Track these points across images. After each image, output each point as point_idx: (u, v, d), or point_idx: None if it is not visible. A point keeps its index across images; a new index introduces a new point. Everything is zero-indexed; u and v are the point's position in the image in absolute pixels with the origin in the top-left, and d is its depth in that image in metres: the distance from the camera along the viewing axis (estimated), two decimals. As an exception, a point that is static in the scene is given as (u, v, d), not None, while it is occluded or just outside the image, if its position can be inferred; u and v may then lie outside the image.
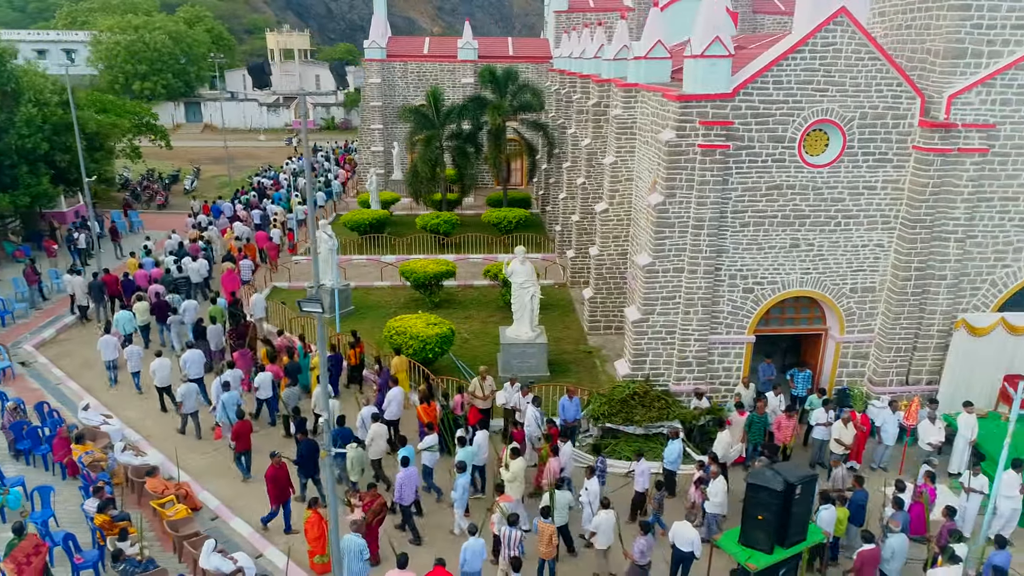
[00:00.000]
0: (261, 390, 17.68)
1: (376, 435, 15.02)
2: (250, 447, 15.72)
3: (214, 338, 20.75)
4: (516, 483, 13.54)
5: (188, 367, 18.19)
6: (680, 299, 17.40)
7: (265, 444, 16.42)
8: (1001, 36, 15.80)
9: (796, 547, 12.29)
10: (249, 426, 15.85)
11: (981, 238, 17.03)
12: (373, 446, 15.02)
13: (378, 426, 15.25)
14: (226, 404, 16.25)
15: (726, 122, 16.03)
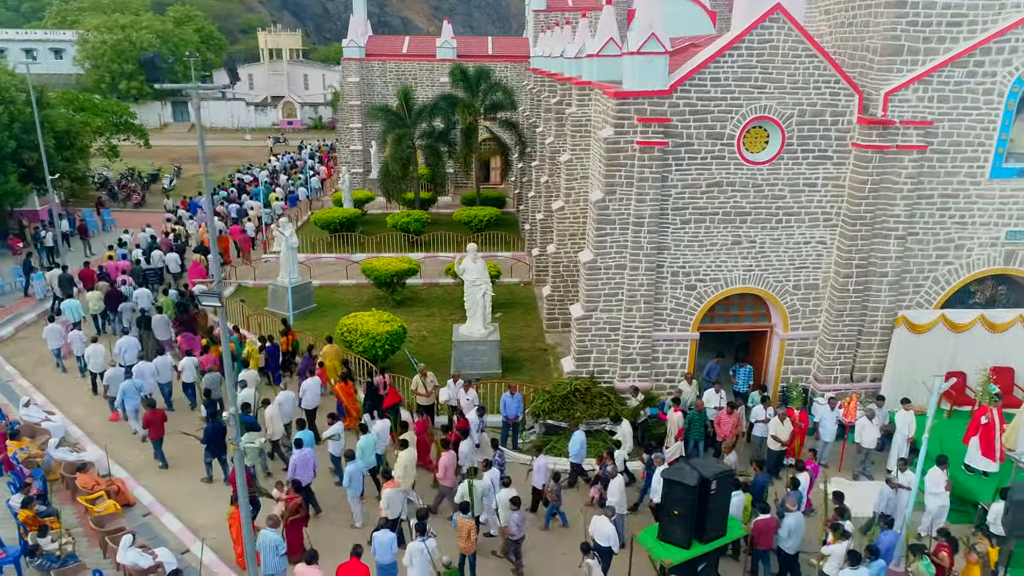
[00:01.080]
0: (185, 373, 18.11)
1: (271, 417, 15.38)
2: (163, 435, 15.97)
3: (159, 327, 21.03)
4: (404, 474, 13.67)
5: (122, 354, 18.52)
6: (623, 296, 17.41)
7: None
8: (937, 33, 15.83)
9: (715, 543, 12.33)
10: (161, 415, 16.04)
11: (922, 235, 17.05)
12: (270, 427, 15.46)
13: (272, 408, 15.56)
14: (126, 392, 16.71)
15: (664, 119, 16.05)
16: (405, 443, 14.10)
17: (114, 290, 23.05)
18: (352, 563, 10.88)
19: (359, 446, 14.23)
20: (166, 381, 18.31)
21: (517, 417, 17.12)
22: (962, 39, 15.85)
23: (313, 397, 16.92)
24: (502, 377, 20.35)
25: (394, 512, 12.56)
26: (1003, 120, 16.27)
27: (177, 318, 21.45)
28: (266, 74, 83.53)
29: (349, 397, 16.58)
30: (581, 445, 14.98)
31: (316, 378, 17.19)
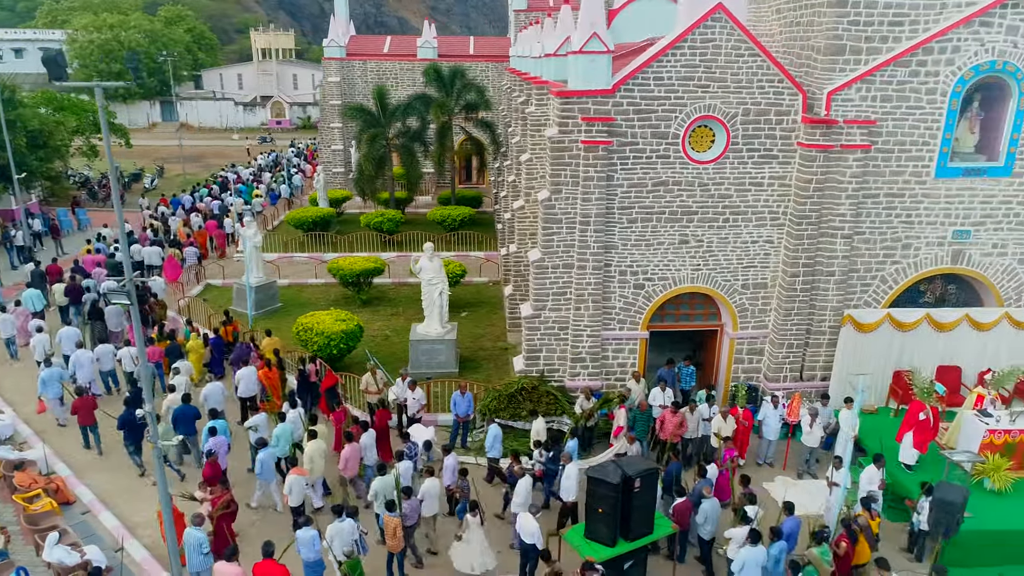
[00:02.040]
0: (124, 362, 18.48)
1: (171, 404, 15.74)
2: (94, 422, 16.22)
3: (112, 318, 21.41)
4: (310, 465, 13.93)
5: (62, 343, 19.06)
6: (571, 295, 17.44)
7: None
8: (879, 33, 15.85)
9: (642, 540, 12.36)
10: (90, 402, 16.27)
11: (869, 234, 17.08)
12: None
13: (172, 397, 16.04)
14: (46, 380, 17.08)
15: (607, 118, 16.08)
16: (313, 433, 14.33)
17: (73, 284, 23.41)
18: (266, 563, 10.90)
19: (275, 433, 14.59)
20: (108, 369, 18.77)
21: (468, 416, 17.14)
22: (904, 38, 15.88)
23: (248, 386, 17.23)
24: (459, 376, 20.40)
25: (295, 499, 12.96)
26: (947, 120, 16.29)
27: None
28: (255, 74, 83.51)
29: (272, 384, 16.97)
30: (495, 439, 15.07)
31: (251, 367, 17.41)
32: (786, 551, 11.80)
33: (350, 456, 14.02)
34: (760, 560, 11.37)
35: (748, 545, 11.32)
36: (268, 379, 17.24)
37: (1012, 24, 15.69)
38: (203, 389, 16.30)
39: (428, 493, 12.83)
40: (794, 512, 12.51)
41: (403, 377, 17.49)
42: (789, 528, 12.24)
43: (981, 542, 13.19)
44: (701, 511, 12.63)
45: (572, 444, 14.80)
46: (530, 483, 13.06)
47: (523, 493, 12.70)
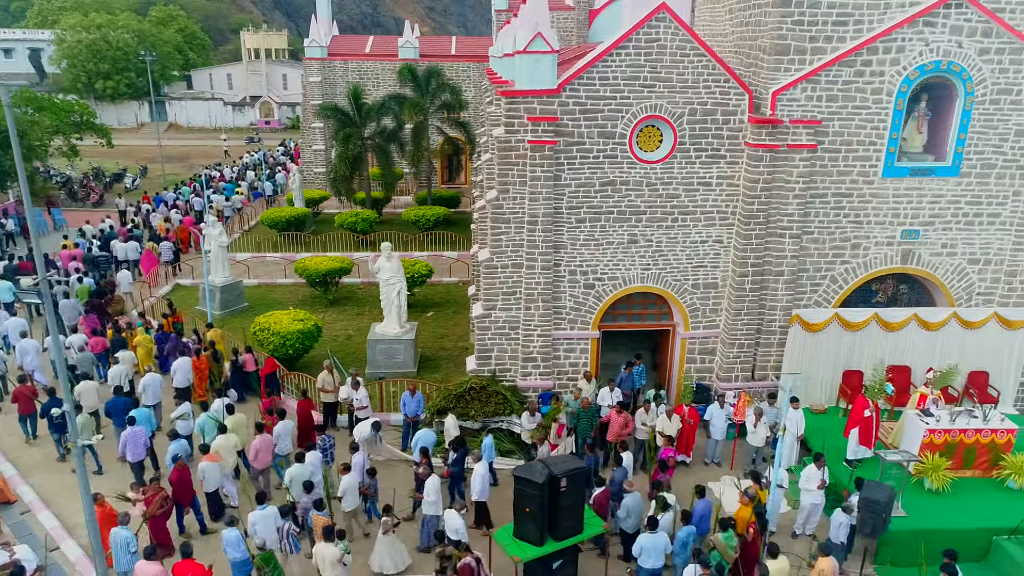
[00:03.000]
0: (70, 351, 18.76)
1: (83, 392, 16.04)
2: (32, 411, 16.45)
3: (66, 310, 21.67)
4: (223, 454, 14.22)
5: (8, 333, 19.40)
6: (521, 295, 17.44)
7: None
8: (823, 33, 15.86)
9: (571, 539, 12.36)
10: (31, 390, 16.47)
11: (818, 234, 17.09)
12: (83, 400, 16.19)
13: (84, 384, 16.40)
14: None
15: (552, 118, 16.08)
16: (224, 428, 14.62)
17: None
18: (186, 563, 10.92)
19: (198, 424, 14.81)
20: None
21: (417, 416, 17.14)
22: (849, 38, 15.89)
23: (183, 376, 17.54)
24: (417, 376, 20.43)
25: (209, 485, 13.32)
26: (893, 119, 16.30)
27: (88, 302, 22.23)
28: (245, 74, 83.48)
29: (200, 373, 17.47)
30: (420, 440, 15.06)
31: (186, 358, 17.73)
32: (695, 535, 12.08)
33: (260, 447, 14.24)
34: (660, 546, 11.75)
35: (647, 532, 11.65)
36: (196, 369, 17.63)
37: (956, 24, 15.70)
38: (142, 380, 16.48)
39: (347, 488, 12.90)
40: (705, 495, 12.85)
41: (352, 376, 17.49)
42: (699, 511, 12.52)
43: (916, 541, 13.20)
44: (623, 505, 12.78)
45: (487, 441, 14.95)
46: (437, 482, 13.10)
47: (432, 493, 12.71)
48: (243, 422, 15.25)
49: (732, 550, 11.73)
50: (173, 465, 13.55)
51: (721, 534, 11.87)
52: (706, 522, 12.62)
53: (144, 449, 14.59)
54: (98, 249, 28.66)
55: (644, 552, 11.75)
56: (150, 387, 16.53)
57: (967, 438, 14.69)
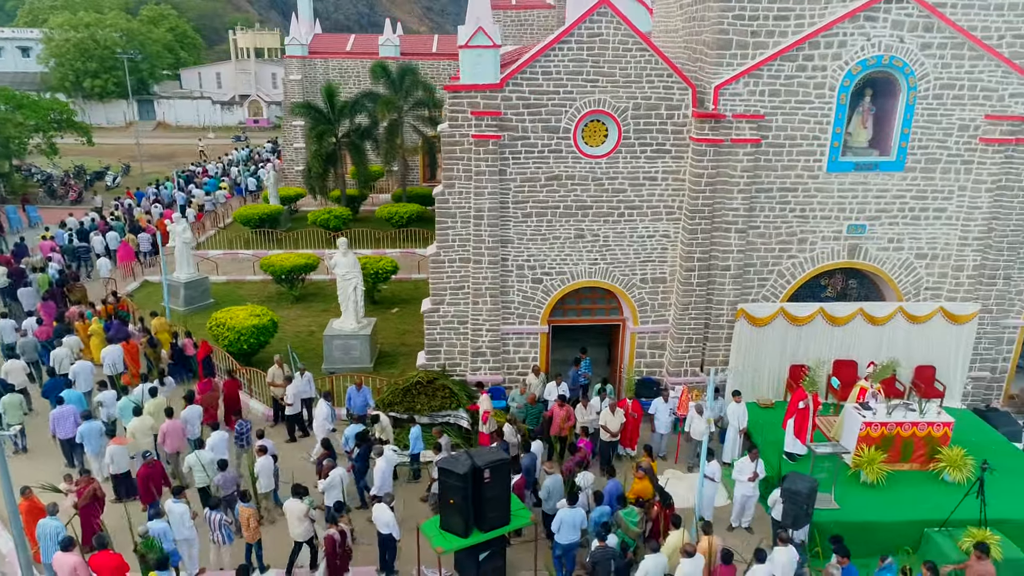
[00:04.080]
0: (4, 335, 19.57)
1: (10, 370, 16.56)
2: None
3: (25, 297, 22.67)
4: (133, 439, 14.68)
5: None
6: (469, 289, 17.49)
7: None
8: (765, 28, 15.90)
9: (497, 531, 12.40)
10: None
11: (764, 229, 17.13)
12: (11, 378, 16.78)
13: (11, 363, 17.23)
14: None
15: (495, 112, 16.12)
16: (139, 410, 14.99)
17: (16, 268, 24.99)
18: (102, 555, 10.96)
19: (119, 406, 15.26)
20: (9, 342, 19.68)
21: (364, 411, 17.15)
22: (790, 33, 15.93)
23: (112, 363, 18.17)
24: (374, 371, 20.46)
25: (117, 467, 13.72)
26: (836, 114, 16.34)
27: (49, 290, 22.92)
28: (234, 73, 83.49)
29: (130, 357, 18.19)
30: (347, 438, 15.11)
31: (118, 346, 18.32)
32: (608, 515, 12.38)
33: (168, 431, 14.59)
34: (577, 520, 12.09)
35: (567, 507, 12.03)
36: (127, 352, 18.25)
37: (897, 19, 15.75)
38: (72, 367, 16.98)
39: (260, 470, 13.33)
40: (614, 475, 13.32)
41: (301, 371, 17.54)
42: (609, 491, 12.84)
43: (849, 533, 13.22)
44: (544, 487, 13.05)
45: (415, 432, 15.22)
46: (341, 473, 13.17)
47: (337, 484, 12.80)
48: (163, 406, 15.46)
49: (634, 526, 12.15)
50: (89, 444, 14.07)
51: (622, 511, 12.28)
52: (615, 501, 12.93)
53: (73, 427, 14.88)
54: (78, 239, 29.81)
55: (562, 527, 12.12)
56: (81, 373, 16.96)
57: (904, 431, 14.74)
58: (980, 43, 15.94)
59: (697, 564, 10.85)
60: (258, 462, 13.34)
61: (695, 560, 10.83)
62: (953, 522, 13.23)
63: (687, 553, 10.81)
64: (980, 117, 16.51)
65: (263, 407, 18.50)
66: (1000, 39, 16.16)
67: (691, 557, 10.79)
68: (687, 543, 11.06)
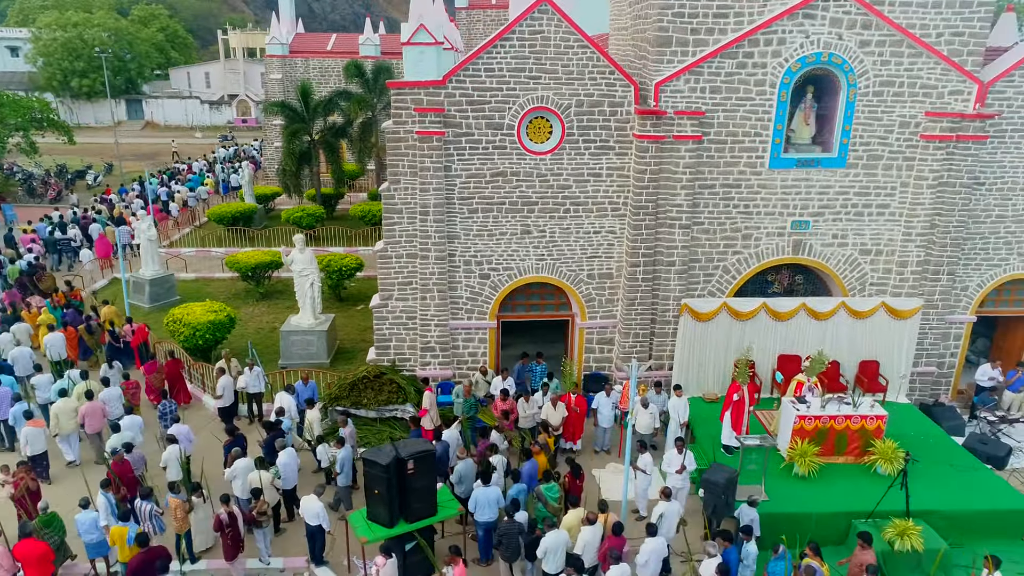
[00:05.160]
0: None
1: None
2: None
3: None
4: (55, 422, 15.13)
5: None
6: (417, 285, 17.63)
7: None
8: (705, 25, 16.05)
9: (424, 521, 12.54)
10: None
11: (708, 224, 17.27)
12: None
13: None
14: None
15: (439, 108, 16.27)
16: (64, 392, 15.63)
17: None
18: (26, 542, 11.10)
19: (53, 389, 15.81)
20: None
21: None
22: (730, 30, 16.08)
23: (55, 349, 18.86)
24: (330, 367, 20.60)
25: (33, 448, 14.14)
26: (777, 111, 16.49)
27: (18, 280, 23.70)
28: (223, 73, 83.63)
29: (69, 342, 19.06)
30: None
31: (60, 334, 19.22)
32: (525, 492, 12.75)
33: (87, 412, 15.07)
34: (492, 499, 12.55)
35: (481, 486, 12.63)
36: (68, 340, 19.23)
37: (835, 17, 15.90)
38: (12, 352, 17.61)
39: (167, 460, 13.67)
40: (532, 456, 13.84)
41: (249, 366, 17.67)
42: (526, 471, 13.35)
43: (777, 524, 13.37)
44: (456, 471, 13.46)
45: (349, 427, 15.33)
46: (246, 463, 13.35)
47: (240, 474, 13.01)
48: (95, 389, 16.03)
49: (554, 501, 12.50)
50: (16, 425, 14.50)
51: (543, 487, 12.65)
52: (534, 480, 13.32)
53: (6, 409, 15.43)
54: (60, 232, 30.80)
55: (478, 506, 12.55)
56: (19, 359, 17.50)
57: (837, 424, 14.88)
58: (918, 40, 16.09)
59: (596, 531, 11.63)
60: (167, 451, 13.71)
61: (595, 527, 11.60)
62: (879, 513, 13.38)
63: (589, 521, 11.60)
64: (921, 114, 16.66)
65: (214, 401, 18.60)
66: (939, 37, 16.31)
67: (592, 524, 11.58)
68: (589, 512, 11.82)
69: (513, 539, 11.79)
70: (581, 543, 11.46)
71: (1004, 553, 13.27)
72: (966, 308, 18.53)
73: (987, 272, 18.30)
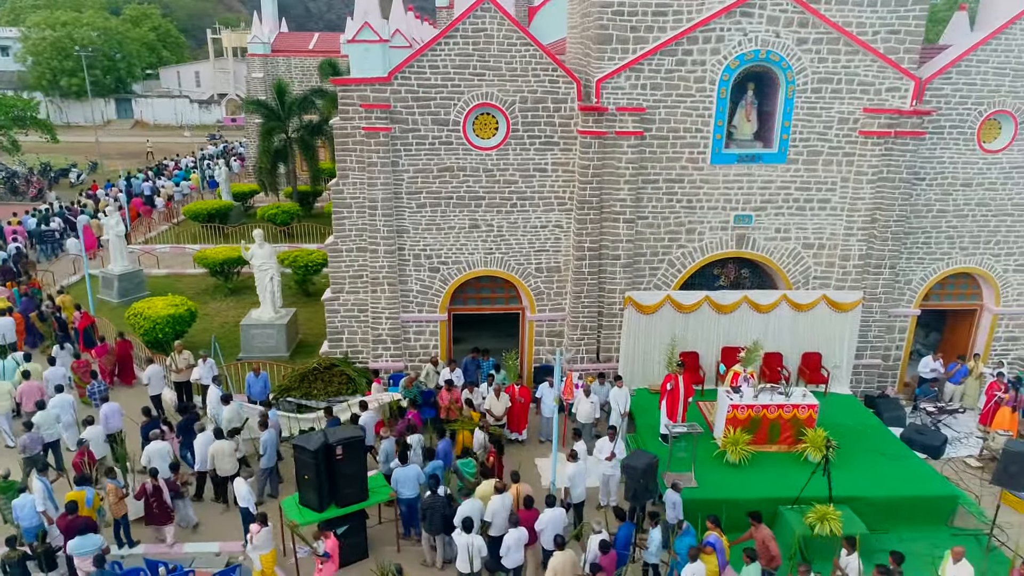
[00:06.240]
0: None
1: None
2: None
3: None
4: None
5: None
6: (367, 278, 17.95)
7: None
8: (644, 23, 16.36)
9: (354, 506, 12.86)
10: None
11: (652, 219, 17.59)
12: None
13: None
14: None
15: (385, 105, 16.58)
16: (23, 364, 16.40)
17: None
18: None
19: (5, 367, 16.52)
20: None
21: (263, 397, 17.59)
22: (669, 28, 16.39)
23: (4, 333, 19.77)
24: (289, 360, 20.93)
25: None
26: (718, 107, 16.81)
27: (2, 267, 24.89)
28: (213, 72, 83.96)
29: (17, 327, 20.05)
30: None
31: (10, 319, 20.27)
32: (441, 468, 13.46)
33: (24, 391, 15.76)
34: (412, 477, 13.16)
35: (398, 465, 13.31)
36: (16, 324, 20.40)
37: (772, 15, 16.23)
38: None
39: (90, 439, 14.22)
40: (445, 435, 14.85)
41: (203, 358, 17.98)
42: (441, 448, 14.06)
43: (706, 510, 13.65)
44: (381, 450, 14.18)
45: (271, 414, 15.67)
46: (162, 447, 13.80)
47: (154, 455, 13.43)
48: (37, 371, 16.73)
49: (471, 476, 13.20)
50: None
51: (460, 462, 13.39)
52: (449, 457, 14.04)
53: None
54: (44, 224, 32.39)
55: (399, 483, 13.17)
56: None
57: (770, 413, 15.20)
58: (855, 38, 16.42)
59: (505, 500, 12.29)
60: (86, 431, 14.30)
61: (504, 496, 12.29)
62: (805, 499, 13.69)
63: (498, 490, 12.30)
64: (859, 110, 16.99)
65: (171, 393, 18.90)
66: (875, 34, 16.64)
67: (501, 494, 12.29)
68: (498, 481, 12.54)
69: (436, 513, 12.34)
70: (490, 511, 12.17)
71: (929, 538, 13.75)
72: (910, 302, 18.86)
73: (930, 266, 18.63)
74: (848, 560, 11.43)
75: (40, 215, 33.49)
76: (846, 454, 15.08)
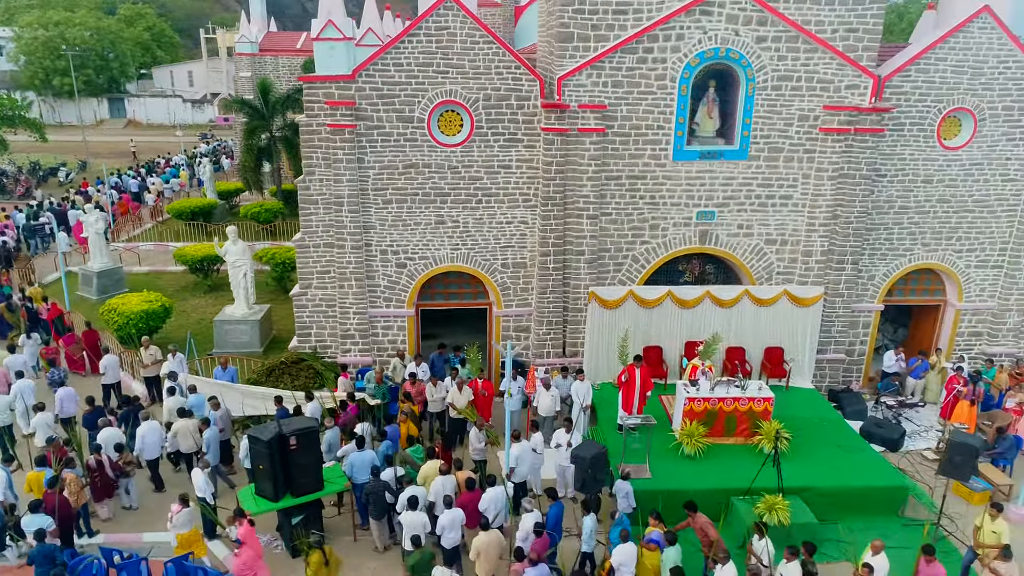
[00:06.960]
0: None
1: None
2: None
3: None
4: None
5: None
6: (335, 274, 18.16)
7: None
8: (605, 21, 16.56)
9: (309, 496, 13.07)
10: None
11: (615, 215, 17.80)
12: None
13: None
14: None
15: (350, 102, 16.79)
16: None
17: None
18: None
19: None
20: None
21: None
22: (630, 26, 16.59)
23: None
24: (262, 355, 21.13)
25: None
26: (679, 105, 17.01)
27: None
28: (206, 71, 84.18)
29: None
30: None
31: None
32: (392, 449, 14.08)
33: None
34: (367, 461, 13.45)
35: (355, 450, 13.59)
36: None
37: (732, 13, 16.43)
38: None
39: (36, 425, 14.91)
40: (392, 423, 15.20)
41: (173, 352, 18.18)
42: (391, 432, 14.68)
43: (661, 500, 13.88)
44: (325, 440, 14.44)
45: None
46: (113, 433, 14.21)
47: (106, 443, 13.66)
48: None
49: (420, 461, 13.63)
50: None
51: (409, 449, 13.80)
52: (397, 441, 14.54)
53: None
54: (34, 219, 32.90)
55: (354, 467, 13.47)
56: None
57: (726, 406, 15.42)
58: (813, 36, 16.63)
59: (447, 482, 12.82)
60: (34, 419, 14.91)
61: (446, 479, 12.84)
62: (756, 490, 13.90)
63: (442, 472, 12.88)
64: (819, 107, 17.20)
65: (142, 387, 19.14)
66: (834, 33, 16.85)
67: (445, 475, 12.88)
68: (442, 465, 13.13)
69: (380, 497, 12.65)
70: (433, 492, 12.58)
71: (880, 528, 13.95)
72: (873, 297, 19.07)
73: (892, 262, 18.85)
74: (760, 545, 11.69)
75: (30, 210, 34.01)
76: (802, 446, 15.33)
